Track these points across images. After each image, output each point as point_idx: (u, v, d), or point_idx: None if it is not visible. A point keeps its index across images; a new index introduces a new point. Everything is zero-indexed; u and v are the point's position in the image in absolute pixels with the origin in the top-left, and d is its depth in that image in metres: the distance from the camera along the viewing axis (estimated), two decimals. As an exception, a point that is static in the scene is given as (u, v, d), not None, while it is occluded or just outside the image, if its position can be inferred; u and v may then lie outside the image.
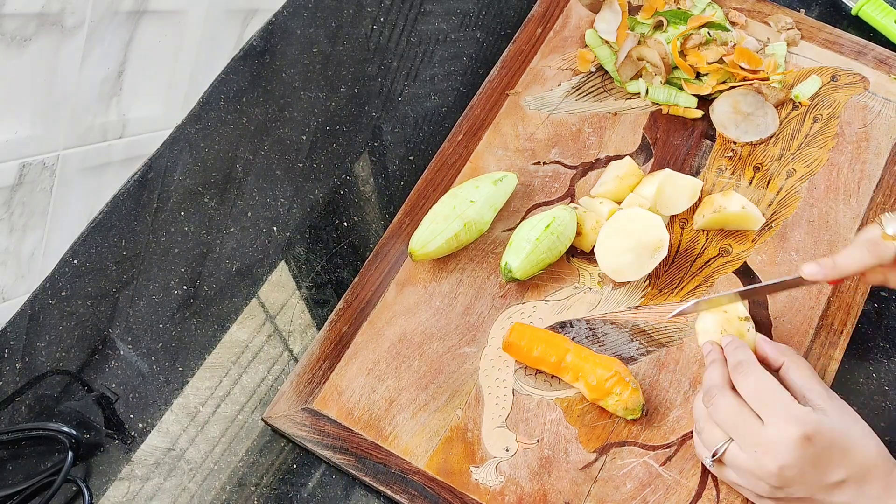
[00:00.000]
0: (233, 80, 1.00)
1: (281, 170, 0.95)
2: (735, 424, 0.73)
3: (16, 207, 1.27)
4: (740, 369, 0.75)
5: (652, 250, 0.85)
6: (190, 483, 0.81)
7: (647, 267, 0.85)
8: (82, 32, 1.27)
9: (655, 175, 0.90)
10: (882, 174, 0.93)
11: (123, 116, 1.44)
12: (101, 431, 0.83)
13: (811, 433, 0.71)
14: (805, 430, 0.71)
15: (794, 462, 0.71)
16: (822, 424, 0.71)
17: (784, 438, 0.71)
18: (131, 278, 0.90)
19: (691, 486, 0.79)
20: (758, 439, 0.72)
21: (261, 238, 0.92)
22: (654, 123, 0.96)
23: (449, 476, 0.79)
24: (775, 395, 0.73)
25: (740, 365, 0.75)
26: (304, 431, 0.81)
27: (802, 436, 0.71)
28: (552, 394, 0.83)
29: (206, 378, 0.86)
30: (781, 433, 0.71)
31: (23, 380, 0.85)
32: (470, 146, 0.94)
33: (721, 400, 0.74)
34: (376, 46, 1.02)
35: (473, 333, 0.85)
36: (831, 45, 0.99)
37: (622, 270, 0.85)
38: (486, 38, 1.03)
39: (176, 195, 0.94)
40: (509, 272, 0.85)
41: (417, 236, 0.86)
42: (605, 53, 0.98)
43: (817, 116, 0.96)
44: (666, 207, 0.89)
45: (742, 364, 0.75)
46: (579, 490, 0.79)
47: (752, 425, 0.72)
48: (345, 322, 0.86)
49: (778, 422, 0.71)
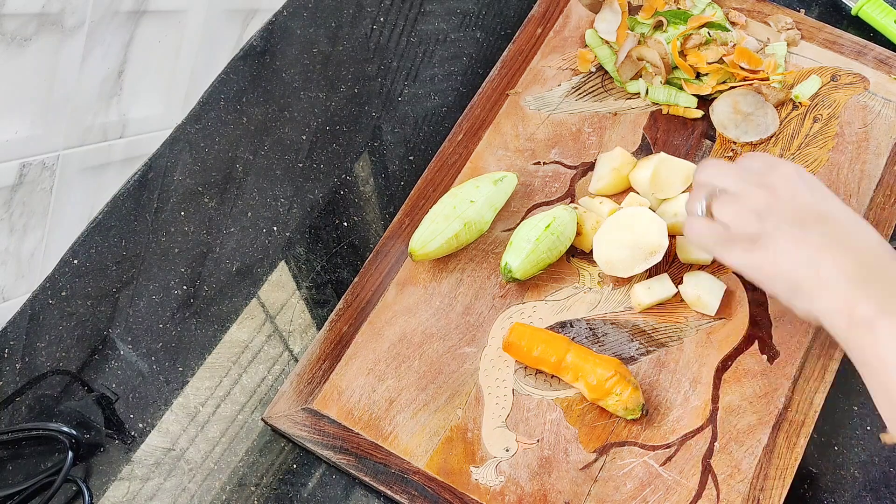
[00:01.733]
0: (233, 80, 1.00)
1: (281, 170, 0.96)
2: (739, 178, 0.77)
3: (16, 207, 1.27)
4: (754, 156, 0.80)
5: (648, 253, 0.85)
6: (190, 483, 0.81)
7: (638, 267, 0.85)
8: (82, 32, 1.27)
9: (650, 159, 0.90)
10: (882, 174, 0.93)
11: (123, 116, 1.44)
12: (101, 431, 0.83)
13: (812, 182, 0.76)
14: (807, 179, 0.76)
15: (794, 176, 0.76)
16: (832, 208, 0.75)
17: (789, 167, 0.77)
18: (131, 278, 0.90)
19: (691, 486, 0.79)
20: (759, 179, 0.76)
21: (261, 238, 0.92)
22: (654, 123, 0.96)
23: (449, 476, 0.79)
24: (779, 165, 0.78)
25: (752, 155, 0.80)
26: (304, 431, 0.81)
27: (802, 168, 0.77)
28: (552, 394, 0.83)
29: (206, 378, 0.86)
30: (787, 166, 0.77)
31: (23, 380, 0.85)
32: (470, 146, 0.94)
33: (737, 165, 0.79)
34: (376, 46, 1.02)
35: (473, 333, 0.85)
36: (831, 45, 0.99)
37: (614, 264, 0.85)
38: (486, 38, 1.03)
39: (176, 195, 0.94)
40: (509, 272, 0.85)
41: (417, 236, 0.86)
42: (605, 53, 0.98)
43: (817, 116, 0.96)
44: (661, 191, 0.89)
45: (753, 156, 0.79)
46: (579, 490, 0.79)
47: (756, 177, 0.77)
48: (345, 322, 0.86)
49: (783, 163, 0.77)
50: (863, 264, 0.71)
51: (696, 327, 0.85)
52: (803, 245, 0.72)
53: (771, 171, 0.77)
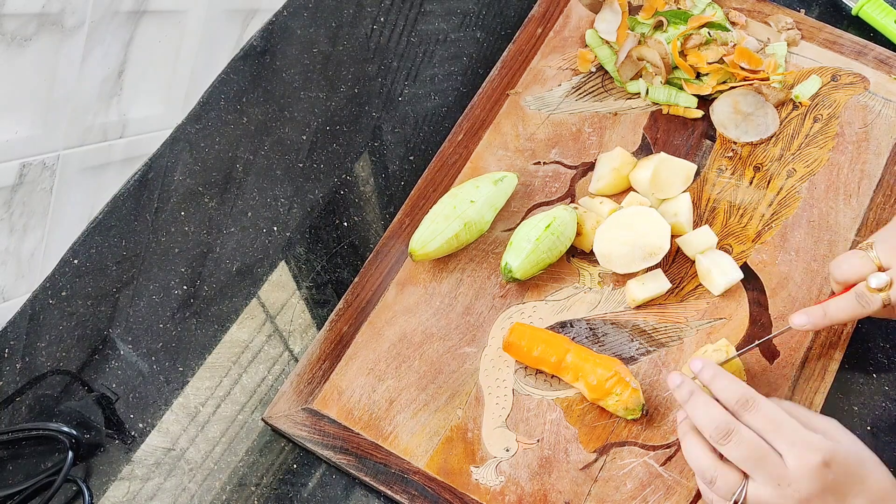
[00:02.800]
0: (233, 80, 1.00)
1: (281, 170, 0.96)
2: (756, 461, 0.71)
3: (16, 207, 1.27)
4: (749, 404, 0.73)
5: (647, 253, 0.85)
6: (190, 483, 0.81)
7: (636, 265, 0.85)
8: (82, 32, 1.27)
9: (650, 159, 0.90)
10: (882, 174, 0.93)
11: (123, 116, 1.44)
12: (101, 431, 0.83)
13: (829, 459, 0.69)
14: (824, 456, 0.69)
15: (817, 490, 0.69)
16: (839, 450, 0.70)
17: (805, 467, 0.69)
18: (131, 278, 0.90)
19: (691, 487, 0.79)
20: (780, 472, 0.70)
21: (261, 238, 0.92)
22: (654, 123, 0.96)
23: (449, 476, 0.79)
24: (789, 424, 0.71)
25: (747, 400, 0.73)
26: (305, 431, 0.81)
27: (822, 462, 0.69)
28: (552, 394, 0.83)
29: (207, 378, 0.86)
30: (802, 462, 0.69)
31: (23, 380, 0.85)
32: (470, 146, 0.94)
33: (741, 437, 0.72)
34: (376, 46, 1.02)
35: (473, 333, 0.85)
36: (831, 45, 0.99)
37: (612, 259, 0.85)
38: (486, 38, 1.03)
39: (176, 195, 0.94)
40: (510, 272, 0.85)
41: (417, 236, 0.86)
42: (605, 53, 0.98)
43: (817, 116, 0.96)
44: (661, 191, 0.89)
45: (748, 398, 0.73)
46: (579, 490, 0.79)
47: (773, 458, 0.70)
48: (345, 322, 0.86)
49: (796, 450, 0.70)
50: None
51: (696, 327, 0.85)
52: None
53: (781, 441, 0.71)
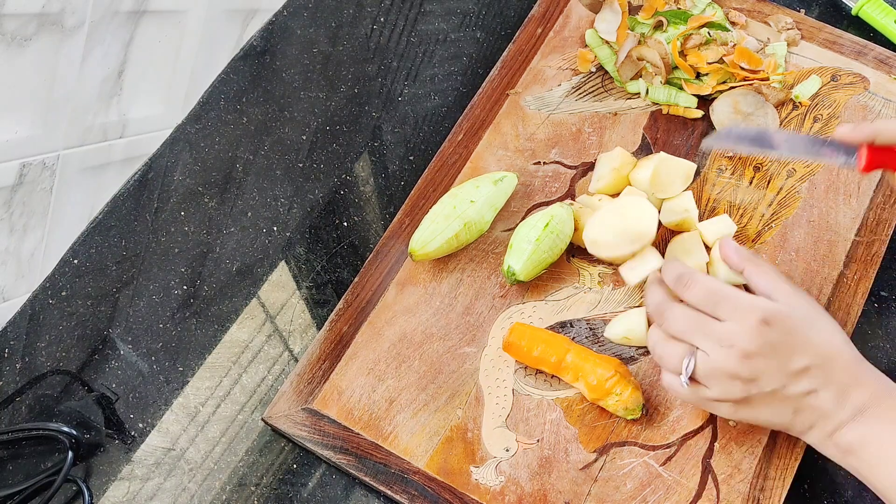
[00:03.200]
0: (233, 80, 1.00)
1: (281, 170, 0.96)
2: (694, 329, 0.74)
3: (16, 207, 1.28)
4: (682, 280, 0.76)
5: (633, 238, 0.84)
6: (190, 483, 0.81)
7: (620, 250, 0.85)
8: (82, 32, 1.27)
9: (650, 159, 0.90)
10: (882, 174, 0.93)
11: (123, 116, 1.44)
12: (101, 431, 0.83)
13: (769, 318, 0.72)
14: (764, 315, 0.72)
15: (757, 347, 0.72)
16: (780, 310, 0.73)
17: (744, 326, 0.72)
18: (131, 278, 0.90)
19: (691, 486, 0.79)
20: (719, 334, 0.73)
21: (261, 238, 0.92)
22: (654, 123, 0.96)
23: (449, 476, 0.79)
24: (726, 292, 0.74)
25: (681, 277, 0.76)
26: (304, 431, 0.81)
27: (761, 320, 0.72)
28: (552, 394, 0.83)
29: (206, 378, 0.86)
30: (741, 321, 0.73)
31: (23, 380, 0.85)
32: (470, 146, 0.94)
33: (672, 311, 0.75)
34: (376, 46, 1.02)
35: (473, 333, 0.85)
36: (831, 45, 0.99)
37: (599, 244, 0.85)
38: (486, 38, 1.03)
39: (176, 195, 0.94)
40: (513, 275, 0.85)
41: (417, 236, 0.86)
42: (605, 53, 0.98)
43: (817, 116, 0.96)
44: (661, 191, 0.89)
45: (682, 275, 0.76)
46: (579, 490, 0.79)
47: (711, 324, 0.74)
48: (345, 322, 0.86)
49: (735, 313, 0.73)
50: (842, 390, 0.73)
51: (696, 327, 0.85)
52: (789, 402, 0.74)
53: (721, 309, 0.74)
